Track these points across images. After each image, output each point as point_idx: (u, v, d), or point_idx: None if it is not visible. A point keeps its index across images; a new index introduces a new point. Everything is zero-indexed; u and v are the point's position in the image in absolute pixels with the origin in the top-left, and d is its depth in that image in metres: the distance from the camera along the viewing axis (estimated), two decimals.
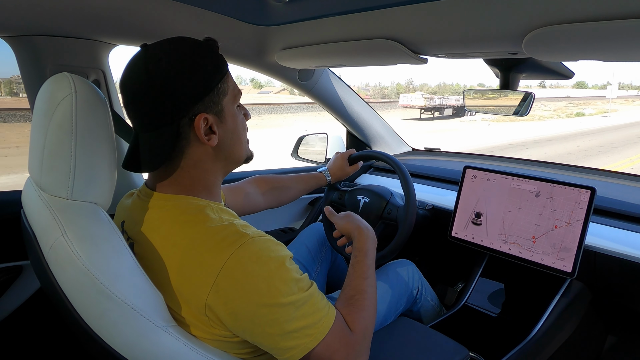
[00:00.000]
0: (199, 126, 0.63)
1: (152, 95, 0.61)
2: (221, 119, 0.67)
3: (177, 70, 0.61)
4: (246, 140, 0.75)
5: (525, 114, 1.14)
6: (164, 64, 0.61)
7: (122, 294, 0.56)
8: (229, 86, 0.68)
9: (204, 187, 0.69)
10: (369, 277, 0.79)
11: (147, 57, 0.62)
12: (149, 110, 0.62)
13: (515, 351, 1.04)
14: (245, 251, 0.59)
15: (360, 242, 0.86)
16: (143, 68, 0.61)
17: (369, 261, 0.82)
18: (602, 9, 0.61)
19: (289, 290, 0.60)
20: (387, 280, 1.16)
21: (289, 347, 0.61)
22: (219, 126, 0.67)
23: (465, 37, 0.84)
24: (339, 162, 1.29)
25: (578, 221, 1.08)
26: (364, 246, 0.85)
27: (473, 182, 1.30)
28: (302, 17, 1.04)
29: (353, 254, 0.84)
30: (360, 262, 0.81)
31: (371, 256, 0.84)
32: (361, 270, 0.79)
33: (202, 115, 0.63)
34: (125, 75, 0.64)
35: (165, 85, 0.61)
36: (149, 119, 0.63)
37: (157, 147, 0.64)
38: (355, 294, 0.74)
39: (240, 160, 0.75)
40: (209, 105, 0.65)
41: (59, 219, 0.58)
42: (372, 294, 0.76)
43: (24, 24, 0.94)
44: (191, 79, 0.62)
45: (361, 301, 0.73)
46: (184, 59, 0.62)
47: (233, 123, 0.70)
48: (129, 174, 1.25)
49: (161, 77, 0.60)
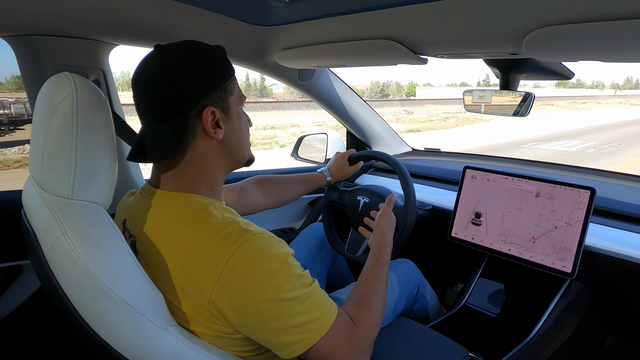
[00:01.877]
0: (207, 118, 0.66)
1: (163, 87, 0.64)
2: (227, 115, 0.70)
3: (189, 65, 0.65)
4: (249, 141, 0.78)
5: (525, 114, 1.14)
6: (178, 57, 0.65)
7: (122, 294, 0.56)
8: (235, 87, 0.72)
9: (207, 184, 0.71)
10: (383, 283, 0.83)
11: (161, 53, 0.65)
12: (160, 101, 0.65)
13: (515, 351, 1.04)
14: (248, 248, 0.60)
15: (382, 248, 0.92)
16: (157, 63, 0.64)
17: (386, 268, 0.88)
18: (603, 10, 0.61)
19: (291, 286, 0.61)
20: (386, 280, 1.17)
21: (291, 342, 0.62)
22: (225, 122, 0.70)
23: (465, 37, 0.84)
24: (339, 163, 1.29)
25: (578, 222, 1.08)
26: (385, 254, 0.91)
27: (473, 182, 1.30)
28: (302, 17, 1.04)
29: (373, 257, 0.89)
30: (378, 267, 0.86)
31: (388, 264, 0.90)
32: (378, 275, 0.84)
33: (210, 108, 0.66)
34: (139, 70, 0.66)
35: (177, 77, 0.64)
36: (159, 110, 0.65)
37: (164, 137, 0.66)
38: (368, 294, 0.78)
39: (243, 160, 0.77)
40: (216, 99, 0.68)
41: (60, 219, 0.58)
42: (384, 297, 0.80)
43: (24, 24, 0.94)
44: (201, 73, 0.65)
45: (372, 302, 0.76)
46: (196, 56, 0.66)
47: (238, 122, 0.73)
48: (129, 174, 1.25)
49: (174, 70, 0.64)
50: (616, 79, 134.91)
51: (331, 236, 1.34)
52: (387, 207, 1.05)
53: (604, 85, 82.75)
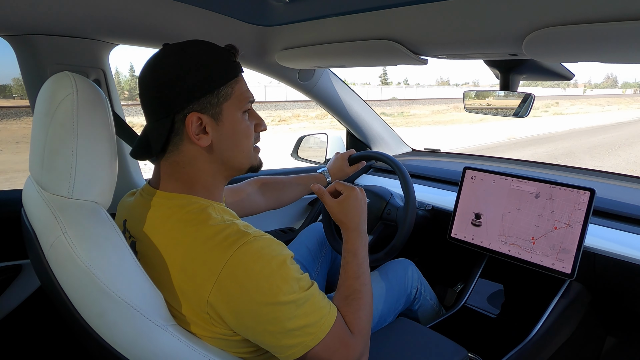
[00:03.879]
0: (189, 124, 0.65)
1: (153, 88, 0.65)
2: (217, 122, 0.68)
3: (179, 68, 0.64)
4: (250, 148, 0.74)
5: (525, 115, 1.14)
6: (169, 61, 0.65)
7: (122, 293, 0.56)
8: (234, 91, 0.69)
9: (202, 187, 0.70)
10: (361, 276, 0.77)
11: (161, 54, 0.66)
12: (150, 102, 0.67)
13: (514, 352, 1.04)
14: (247, 250, 0.60)
15: (348, 242, 0.82)
16: (153, 63, 0.66)
17: (359, 260, 0.79)
18: (603, 11, 0.61)
19: (290, 289, 0.61)
20: (386, 280, 1.17)
21: (289, 345, 0.61)
22: (214, 128, 0.68)
23: (466, 38, 0.84)
24: (339, 163, 1.29)
25: (577, 222, 1.08)
26: (352, 246, 0.81)
27: (473, 183, 1.30)
28: (302, 18, 1.05)
29: (342, 254, 0.82)
30: (349, 263, 0.79)
31: (361, 254, 0.80)
32: (352, 271, 0.78)
33: (195, 114, 0.65)
34: (143, 67, 0.68)
35: (165, 81, 0.64)
36: (151, 110, 0.67)
37: (154, 136, 0.67)
38: (350, 293, 0.75)
39: (242, 167, 0.74)
40: (205, 105, 0.66)
41: (60, 218, 0.58)
42: (367, 292, 0.76)
43: (24, 24, 0.94)
44: (191, 78, 0.64)
45: (357, 300, 0.73)
46: (189, 59, 0.65)
47: (232, 128, 0.70)
48: (129, 174, 1.25)
49: (163, 74, 0.64)
50: (594, 77, 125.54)
51: (331, 237, 1.34)
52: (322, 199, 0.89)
53: (577, 84, 72.89)
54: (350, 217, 0.85)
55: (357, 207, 0.86)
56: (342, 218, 0.85)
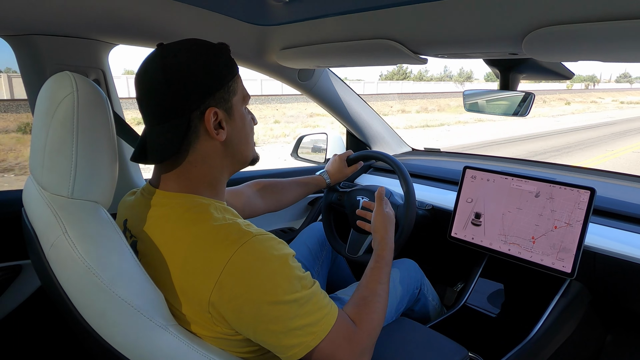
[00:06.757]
0: (209, 120, 0.65)
1: (166, 88, 0.63)
2: (230, 116, 0.69)
3: (192, 65, 0.64)
4: (253, 141, 0.78)
5: (525, 114, 1.14)
6: (180, 58, 0.64)
7: (122, 293, 0.56)
8: (238, 87, 0.71)
9: (208, 184, 0.70)
10: (384, 284, 0.83)
11: (163, 53, 0.65)
12: (163, 102, 0.64)
13: (515, 352, 1.04)
14: (248, 249, 0.60)
15: (382, 249, 0.92)
16: (159, 63, 0.64)
17: (387, 269, 0.87)
18: (602, 10, 0.61)
19: (292, 288, 0.61)
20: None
21: (291, 345, 0.61)
22: (228, 122, 0.69)
23: (465, 37, 0.84)
24: (337, 164, 1.30)
25: (578, 222, 1.08)
26: (386, 255, 0.91)
27: (473, 182, 1.30)
28: (302, 17, 1.04)
29: (374, 258, 0.89)
30: (379, 269, 0.86)
31: (389, 265, 0.90)
32: (379, 276, 0.84)
33: (212, 109, 0.66)
34: (142, 70, 0.66)
35: (180, 78, 0.63)
36: (162, 112, 0.65)
37: (167, 139, 0.65)
38: (369, 295, 0.78)
39: (247, 160, 0.77)
40: (219, 100, 0.67)
41: (60, 218, 0.58)
42: (385, 298, 0.80)
43: (24, 24, 0.94)
44: (204, 74, 0.65)
45: (374, 303, 0.76)
46: (199, 56, 0.65)
47: (241, 122, 0.72)
48: (129, 174, 1.25)
49: (176, 71, 0.63)
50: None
51: (331, 237, 1.34)
52: (378, 205, 1.03)
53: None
54: (387, 227, 0.99)
55: (392, 218, 1.03)
56: (380, 229, 0.98)
